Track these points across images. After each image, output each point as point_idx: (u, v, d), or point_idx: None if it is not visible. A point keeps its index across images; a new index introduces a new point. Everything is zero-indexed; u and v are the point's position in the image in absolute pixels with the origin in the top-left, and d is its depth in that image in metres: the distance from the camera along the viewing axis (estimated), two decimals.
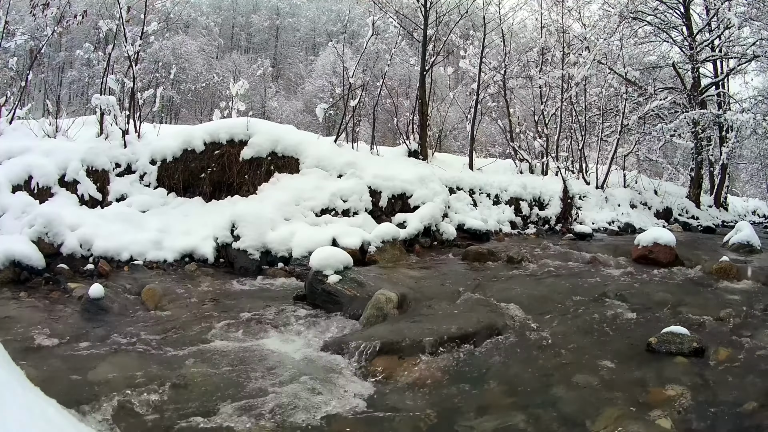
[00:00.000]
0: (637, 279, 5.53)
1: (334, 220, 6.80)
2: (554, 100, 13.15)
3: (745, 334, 3.66)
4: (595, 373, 3.01)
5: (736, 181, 27.51)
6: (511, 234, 8.94)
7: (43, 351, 3.16)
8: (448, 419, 2.51)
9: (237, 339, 3.48)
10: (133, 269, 5.29)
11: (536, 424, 2.47)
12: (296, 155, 7.48)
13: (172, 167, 6.86)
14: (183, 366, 2.99)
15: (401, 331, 3.48)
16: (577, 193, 10.82)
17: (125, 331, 3.53)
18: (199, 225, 6.19)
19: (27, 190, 5.74)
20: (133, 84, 7.33)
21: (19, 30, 10.16)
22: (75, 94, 38.19)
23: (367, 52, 10.60)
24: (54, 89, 20.09)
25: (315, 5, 59.45)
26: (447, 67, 13.75)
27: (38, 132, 6.69)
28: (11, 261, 4.65)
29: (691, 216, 13.72)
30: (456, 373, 3.02)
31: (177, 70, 25.27)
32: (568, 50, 13.05)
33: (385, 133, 17.94)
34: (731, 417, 2.52)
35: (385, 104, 11.90)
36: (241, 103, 8.68)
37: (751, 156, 21.07)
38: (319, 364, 3.10)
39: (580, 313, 4.12)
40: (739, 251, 7.71)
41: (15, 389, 1.44)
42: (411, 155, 9.99)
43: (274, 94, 40.22)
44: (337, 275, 4.40)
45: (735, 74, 15.34)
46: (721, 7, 13.83)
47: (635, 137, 14.00)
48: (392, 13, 10.93)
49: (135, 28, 7.76)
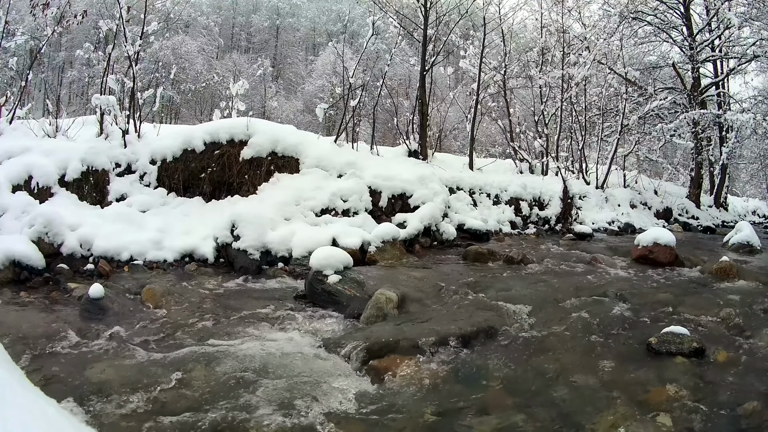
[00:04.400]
0: (637, 279, 5.53)
1: (334, 220, 6.80)
2: (554, 100, 13.15)
3: (745, 334, 3.67)
4: (595, 373, 3.01)
5: (736, 181, 27.47)
6: (511, 234, 8.94)
7: (43, 351, 3.16)
8: (448, 419, 2.51)
9: (237, 339, 3.48)
10: (133, 269, 5.29)
11: (536, 424, 2.47)
12: (296, 155, 7.48)
13: (172, 167, 6.85)
14: (183, 366, 2.99)
15: (401, 331, 3.48)
16: (577, 193, 10.81)
17: (125, 331, 3.53)
18: (199, 225, 6.19)
19: (27, 190, 5.74)
20: (133, 84, 7.33)
21: (19, 30, 10.17)
22: (75, 94, 38.20)
23: (367, 52, 10.60)
24: (54, 89, 20.07)
25: (315, 5, 59.49)
26: (447, 67, 13.76)
27: (38, 132, 6.69)
28: (11, 261, 4.65)
29: (691, 216, 13.72)
30: (456, 372, 3.02)
31: (177, 70, 25.27)
32: (568, 50, 13.05)
33: (385, 133, 17.95)
34: (731, 417, 2.52)
35: (385, 104, 11.92)
36: (241, 103, 8.67)
37: (751, 156, 21.05)
38: (319, 363, 3.10)
39: (580, 313, 4.12)
40: (739, 251, 7.72)
41: (15, 389, 1.44)
42: (411, 155, 9.99)
43: (274, 94, 40.22)
44: (337, 275, 4.41)
45: (735, 74, 15.34)
46: (721, 7, 13.83)
47: (635, 137, 13.99)
48: (392, 13, 10.93)
49: (135, 28, 7.75)
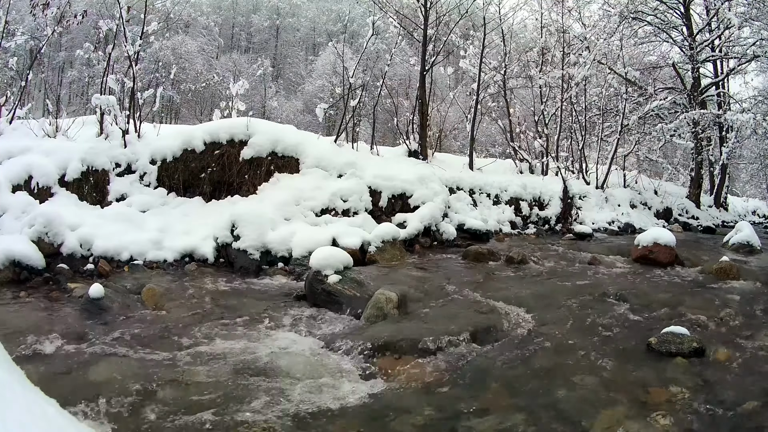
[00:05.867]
0: (637, 279, 5.53)
1: (334, 220, 6.80)
2: (554, 100, 13.14)
3: (745, 334, 3.67)
4: (595, 373, 3.01)
5: (736, 181, 27.49)
6: (511, 234, 8.94)
7: (43, 351, 3.15)
8: (448, 419, 2.51)
9: (237, 339, 3.48)
10: (133, 269, 5.28)
11: (536, 424, 2.47)
12: (296, 155, 7.47)
13: (172, 167, 6.85)
14: (183, 365, 2.99)
15: (401, 331, 3.48)
16: (577, 193, 10.81)
17: (125, 331, 3.53)
18: (199, 225, 6.18)
19: (27, 190, 5.74)
20: (133, 84, 7.33)
21: (19, 30, 10.16)
22: (75, 94, 38.21)
23: (367, 52, 10.60)
24: (54, 89, 20.06)
25: (315, 5, 59.53)
26: (447, 67, 13.75)
27: (38, 132, 6.68)
28: (11, 261, 4.64)
29: (691, 216, 13.72)
30: (456, 372, 3.02)
31: (177, 70, 25.30)
32: (568, 50, 13.05)
33: (385, 133, 17.97)
34: (731, 417, 2.52)
35: (385, 104, 11.91)
36: (241, 103, 8.66)
37: (751, 156, 21.08)
38: (319, 363, 3.10)
39: (580, 313, 4.12)
40: (739, 251, 7.72)
41: (15, 389, 1.44)
42: (411, 155, 9.99)
43: (274, 94, 40.25)
44: (337, 275, 4.40)
45: (735, 74, 15.34)
46: (721, 7, 13.82)
47: (635, 137, 13.99)
48: (392, 13, 10.92)
49: (135, 28, 7.75)
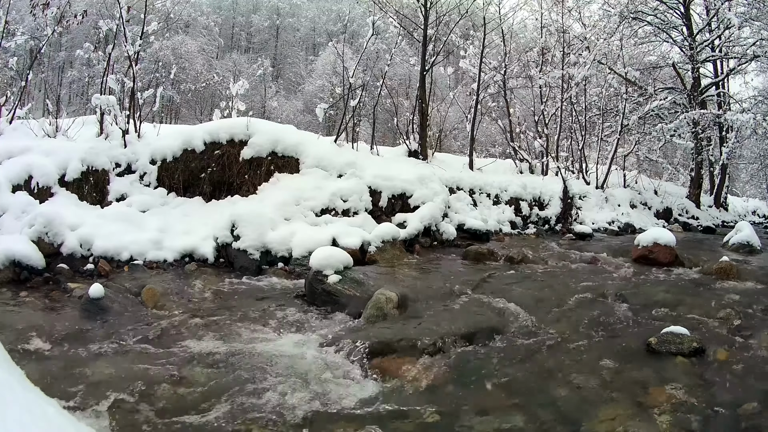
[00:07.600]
0: (637, 279, 5.53)
1: (334, 220, 6.80)
2: (554, 100, 13.15)
3: (745, 334, 3.66)
4: (595, 373, 3.01)
5: (736, 181, 27.50)
6: (511, 234, 8.93)
7: (43, 351, 3.15)
8: (448, 419, 2.51)
9: (237, 338, 3.48)
10: (133, 269, 5.28)
11: (536, 424, 2.47)
12: (296, 155, 7.47)
13: (172, 167, 6.85)
14: (183, 365, 2.99)
15: (401, 331, 3.48)
16: (577, 193, 10.81)
17: (125, 331, 3.53)
18: (199, 225, 6.18)
19: (27, 190, 5.74)
20: (133, 84, 7.33)
21: (19, 30, 10.15)
22: (75, 94, 38.21)
23: (367, 52, 10.60)
24: (54, 89, 20.08)
25: (315, 5, 59.52)
26: (447, 67, 13.76)
27: (38, 132, 6.69)
28: (11, 261, 4.64)
29: (691, 216, 13.72)
30: (456, 372, 3.02)
31: (177, 70, 25.29)
32: (568, 50, 13.05)
33: (385, 133, 17.97)
34: (731, 417, 2.52)
35: (385, 104, 11.92)
36: (241, 103, 8.66)
37: (751, 156, 21.09)
38: (319, 363, 3.10)
39: (580, 313, 4.12)
40: (739, 251, 7.71)
41: (15, 389, 1.44)
42: (411, 155, 9.99)
43: (274, 94, 40.23)
44: (337, 275, 4.40)
45: (735, 74, 15.34)
46: (721, 7, 13.83)
47: (635, 137, 13.99)
48: (392, 13, 10.92)
49: (135, 28, 7.75)
